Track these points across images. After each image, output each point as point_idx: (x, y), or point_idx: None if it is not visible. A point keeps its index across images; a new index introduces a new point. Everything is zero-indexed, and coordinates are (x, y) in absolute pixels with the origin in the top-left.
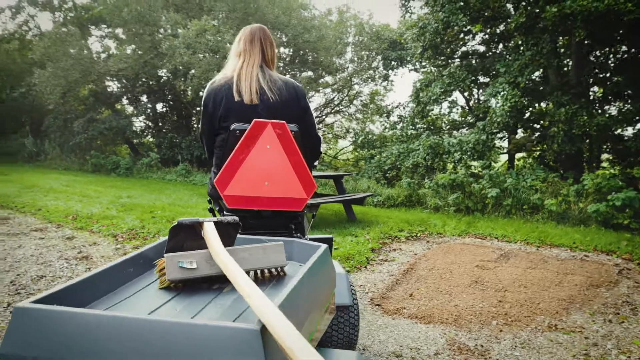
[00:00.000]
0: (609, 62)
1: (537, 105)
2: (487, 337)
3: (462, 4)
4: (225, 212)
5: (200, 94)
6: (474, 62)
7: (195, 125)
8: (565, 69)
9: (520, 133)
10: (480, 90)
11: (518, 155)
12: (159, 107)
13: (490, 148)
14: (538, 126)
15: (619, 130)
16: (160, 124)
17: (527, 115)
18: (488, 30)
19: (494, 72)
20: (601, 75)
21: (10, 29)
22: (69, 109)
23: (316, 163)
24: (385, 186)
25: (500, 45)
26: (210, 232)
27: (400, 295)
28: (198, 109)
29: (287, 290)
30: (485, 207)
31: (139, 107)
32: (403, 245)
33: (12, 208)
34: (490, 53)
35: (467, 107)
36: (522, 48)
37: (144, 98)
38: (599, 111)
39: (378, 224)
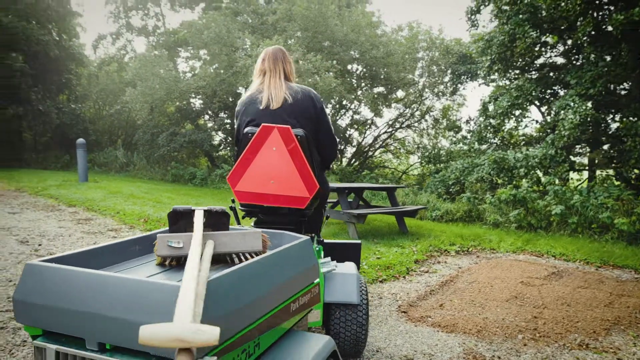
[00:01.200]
0: None
1: (624, 119)
2: (508, 350)
3: (529, 15)
4: (241, 206)
5: None
6: (551, 74)
7: None
8: None
9: (605, 148)
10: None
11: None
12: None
13: (559, 163)
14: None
15: None
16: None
17: (612, 129)
18: (569, 42)
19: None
20: None
21: (111, 53)
22: (156, 123)
23: (332, 165)
24: (447, 201)
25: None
26: (196, 218)
27: (429, 305)
28: None
29: (232, 269)
30: (550, 225)
31: (217, 121)
32: (450, 258)
33: (96, 210)
34: (570, 65)
35: (543, 122)
36: (593, 58)
37: (223, 113)
38: None
39: (429, 237)
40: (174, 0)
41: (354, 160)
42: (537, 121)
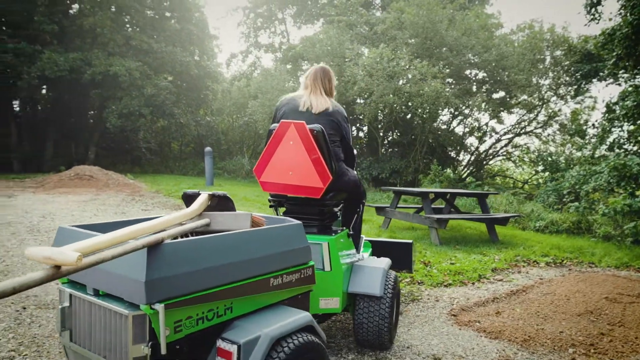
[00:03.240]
0: None
1: None
2: None
3: None
4: (270, 197)
5: (380, 117)
6: None
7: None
8: None
9: None
10: None
11: None
12: None
13: None
14: None
15: None
16: None
17: None
18: None
19: None
20: None
21: (242, 70)
22: None
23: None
24: (556, 211)
25: None
26: (198, 199)
27: (484, 311)
28: (381, 133)
29: (193, 238)
30: None
31: None
32: (536, 269)
33: None
34: None
35: None
36: None
37: None
38: None
39: (520, 247)
40: (297, 18)
41: (467, 167)
42: None
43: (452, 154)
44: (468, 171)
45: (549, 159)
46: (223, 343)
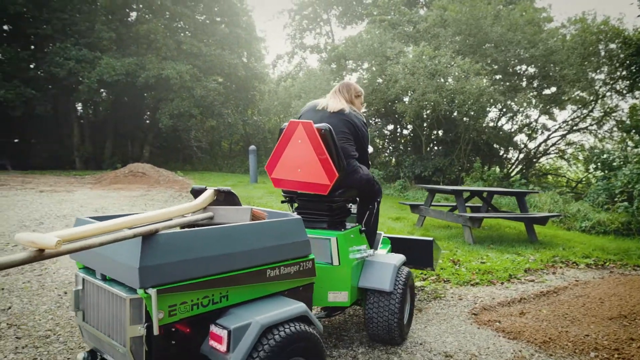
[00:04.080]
0: None
1: None
2: None
3: None
4: (283, 193)
5: (425, 115)
6: None
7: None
8: None
9: None
10: None
11: None
12: (390, 128)
13: None
14: None
15: None
16: (388, 144)
17: None
18: None
19: None
20: None
21: (288, 70)
22: None
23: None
24: (607, 211)
25: None
26: (204, 194)
27: (507, 312)
28: (425, 131)
29: (187, 230)
30: None
31: (374, 128)
32: (573, 271)
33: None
34: None
35: None
36: None
37: (377, 119)
38: None
39: (560, 247)
40: (341, 18)
41: (516, 165)
42: None
43: (501, 152)
44: (517, 169)
45: (602, 156)
46: (215, 328)
